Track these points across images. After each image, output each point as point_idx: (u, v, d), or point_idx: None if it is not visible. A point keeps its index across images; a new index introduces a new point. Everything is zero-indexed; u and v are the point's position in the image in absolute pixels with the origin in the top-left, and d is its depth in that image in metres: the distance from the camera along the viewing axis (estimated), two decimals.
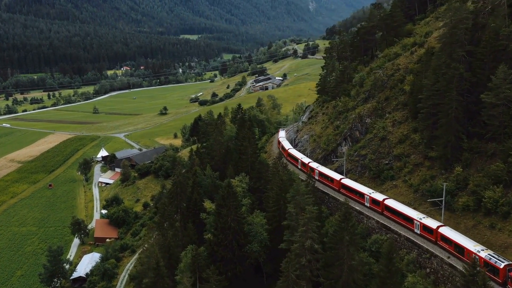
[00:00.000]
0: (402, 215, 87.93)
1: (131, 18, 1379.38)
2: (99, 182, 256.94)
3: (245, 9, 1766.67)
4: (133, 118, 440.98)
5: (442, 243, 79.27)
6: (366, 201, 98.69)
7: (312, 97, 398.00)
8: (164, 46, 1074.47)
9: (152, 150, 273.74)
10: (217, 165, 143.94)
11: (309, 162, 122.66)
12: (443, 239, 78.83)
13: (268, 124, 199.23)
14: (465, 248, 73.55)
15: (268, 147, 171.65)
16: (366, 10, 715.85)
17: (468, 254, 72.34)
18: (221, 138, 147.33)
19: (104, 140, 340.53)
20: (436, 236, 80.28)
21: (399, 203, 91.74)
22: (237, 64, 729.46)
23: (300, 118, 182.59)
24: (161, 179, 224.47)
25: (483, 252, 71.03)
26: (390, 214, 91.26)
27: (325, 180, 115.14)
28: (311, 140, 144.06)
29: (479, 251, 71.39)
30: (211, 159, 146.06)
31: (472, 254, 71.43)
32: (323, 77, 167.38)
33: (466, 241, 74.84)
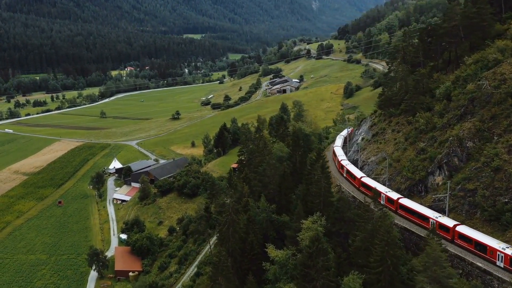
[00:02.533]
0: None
1: (133, 17, 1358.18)
2: (114, 199, 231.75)
3: (249, 8, 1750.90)
4: (144, 123, 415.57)
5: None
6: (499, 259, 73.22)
7: (335, 101, 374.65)
8: (168, 46, 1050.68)
9: (171, 162, 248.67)
10: (270, 194, 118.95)
11: (398, 198, 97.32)
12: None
13: (314, 138, 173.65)
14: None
15: None
16: (380, 9, 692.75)
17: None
18: (276, 162, 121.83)
19: (115, 149, 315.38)
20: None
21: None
22: (247, 65, 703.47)
23: (355, 133, 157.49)
24: (185, 198, 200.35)
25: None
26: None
27: (424, 222, 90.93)
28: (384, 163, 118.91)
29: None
30: (263, 187, 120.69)
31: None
32: (388, 86, 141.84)
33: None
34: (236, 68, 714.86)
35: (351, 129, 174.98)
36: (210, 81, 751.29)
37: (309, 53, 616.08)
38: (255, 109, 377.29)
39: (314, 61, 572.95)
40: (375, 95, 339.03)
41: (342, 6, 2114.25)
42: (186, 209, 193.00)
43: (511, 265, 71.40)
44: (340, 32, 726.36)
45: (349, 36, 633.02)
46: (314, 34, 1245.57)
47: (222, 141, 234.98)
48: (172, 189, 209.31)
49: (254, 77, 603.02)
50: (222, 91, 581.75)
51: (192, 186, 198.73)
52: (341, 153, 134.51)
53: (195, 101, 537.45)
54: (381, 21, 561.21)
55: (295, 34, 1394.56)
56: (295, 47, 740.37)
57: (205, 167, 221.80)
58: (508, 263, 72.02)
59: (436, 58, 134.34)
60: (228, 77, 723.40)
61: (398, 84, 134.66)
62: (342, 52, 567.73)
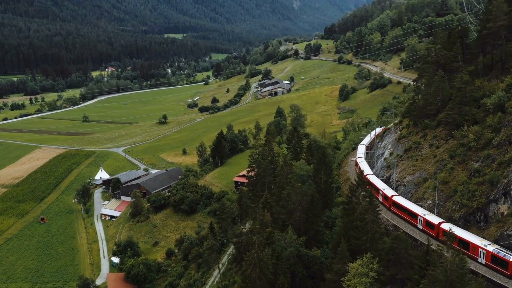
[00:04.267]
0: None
1: (113, 17, 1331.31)
2: (102, 215, 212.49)
3: (230, 7, 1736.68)
4: (129, 128, 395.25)
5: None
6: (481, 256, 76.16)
7: (331, 104, 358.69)
8: (150, 46, 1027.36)
9: (164, 173, 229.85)
10: (296, 222, 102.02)
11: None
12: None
13: (330, 151, 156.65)
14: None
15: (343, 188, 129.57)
16: (368, 8, 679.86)
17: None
18: (302, 185, 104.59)
19: (100, 157, 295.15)
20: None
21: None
22: (232, 65, 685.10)
23: (377, 145, 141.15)
24: (183, 215, 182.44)
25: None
26: None
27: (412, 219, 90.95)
28: (426, 185, 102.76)
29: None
30: (287, 214, 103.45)
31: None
32: (420, 94, 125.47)
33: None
34: (221, 69, 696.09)
35: (382, 128, 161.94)
36: (195, 82, 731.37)
37: (297, 54, 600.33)
38: (246, 113, 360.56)
39: (302, 62, 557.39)
40: (373, 98, 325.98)
41: (322, 5, 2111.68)
42: (185, 228, 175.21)
43: (492, 261, 73.85)
44: (326, 32, 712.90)
45: (337, 36, 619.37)
46: (296, 34, 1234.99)
47: (220, 150, 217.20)
48: (167, 204, 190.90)
49: (241, 78, 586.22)
50: (208, 92, 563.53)
51: (190, 202, 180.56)
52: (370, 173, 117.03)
53: (181, 103, 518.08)
54: (371, 21, 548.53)
55: (277, 34, 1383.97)
56: (281, 47, 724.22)
57: (203, 180, 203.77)
58: (489, 259, 74.60)
59: (476, 62, 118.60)
60: (213, 78, 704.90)
61: (432, 91, 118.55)
62: (331, 52, 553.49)
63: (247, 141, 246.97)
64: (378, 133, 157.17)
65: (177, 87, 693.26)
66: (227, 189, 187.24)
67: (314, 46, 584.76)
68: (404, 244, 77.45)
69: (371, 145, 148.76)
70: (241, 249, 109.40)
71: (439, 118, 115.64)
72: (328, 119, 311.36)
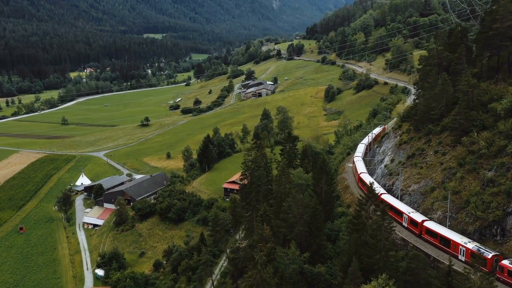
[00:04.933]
0: None
1: (91, 16, 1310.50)
2: (85, 223, 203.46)
3: (209, 7, 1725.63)
4: (111, 131, 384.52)
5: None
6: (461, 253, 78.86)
7: (316, 106, 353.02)
8: (129, 46, 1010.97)
9: (149, 179, 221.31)
10: (297, 236, 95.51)
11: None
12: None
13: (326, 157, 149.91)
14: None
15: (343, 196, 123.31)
16: (349, 8, 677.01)
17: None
18: (303, 196, 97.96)
19: (81, 161, 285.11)
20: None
21: None
22: (214, 66, 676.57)
23: (376, 150, 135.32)
24: (170, 224, 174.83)
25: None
26: None
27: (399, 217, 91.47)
28: (434, 194, 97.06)
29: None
30: (288, 227, 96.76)
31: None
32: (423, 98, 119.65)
33: None
34: (202, 70, 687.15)
35: (382, 127, 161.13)
36: (175, 83, 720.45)
37: (279, 54, 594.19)
38: (231, 115, 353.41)
39: (285, 62, 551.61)
40: (360, 99, 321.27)
41: (302, 5, 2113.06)
42: (172, 238, 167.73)
43: (471, 258, 75.70)
44: (308, 32, 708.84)
45: (319, 36, 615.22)
46: (276, 34, 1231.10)
47: (207, 155, 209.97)
48: (153, 212, 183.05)
49: (223, 79, 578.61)
50: (190, 94, 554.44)
51: (177, 210, 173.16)
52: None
53: (163, 105, 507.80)
54: (354, 21, 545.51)
55: (257, 34, 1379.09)
56: (263, 47, 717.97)
57: (190, 186, 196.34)
58: (468, 256, 76.92)
59: (481, 64, 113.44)
60: (195, 78, 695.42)
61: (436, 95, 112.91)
62: (314, 52, 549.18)
63: (234, 145, 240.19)
64: (378, 132, 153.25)
65: (158, 88, 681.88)
66: (216, 196, 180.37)
67: (297, 47, 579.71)
68: (423, 264, 71.50)
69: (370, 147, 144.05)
70: (238, 265, 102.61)
71: (444, 123, 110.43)
72: (315, 121, 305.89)
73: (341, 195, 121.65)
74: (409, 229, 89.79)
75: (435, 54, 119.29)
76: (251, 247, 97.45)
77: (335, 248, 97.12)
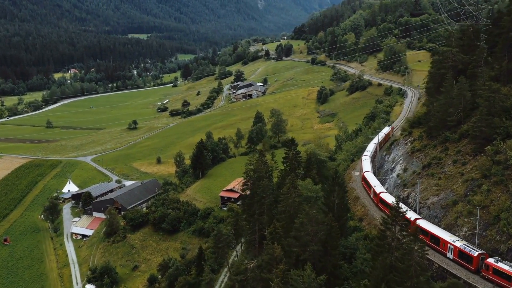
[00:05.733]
0: None
1: (75, 17, 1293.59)
2: (73, 233, 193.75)
3: (194, 7, 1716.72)
4: (97, 135, 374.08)
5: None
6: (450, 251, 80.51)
7: (309, 107, 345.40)
8: (114, 46, 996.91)
9: (140, 186, 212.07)
10: (312, 257, 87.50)
11: None
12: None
13: (330, 164, 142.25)
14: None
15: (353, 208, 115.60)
16: (338, 8, 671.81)
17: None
18: (316, 212, 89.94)
19: (67, 167, 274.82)
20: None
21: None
22: (201, 66, 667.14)
23: (384, 157, 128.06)
24: (164, 235, 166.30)
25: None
26: None
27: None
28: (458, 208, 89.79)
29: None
30: (301, 246, 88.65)
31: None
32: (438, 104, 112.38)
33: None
34: (189, 70, 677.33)
35: (391, 127, 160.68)
36: (162, 84, 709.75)
37: (267, 54, 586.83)
38: (222, 117, 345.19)
39: (274, 63, 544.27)
40: (354, 100, 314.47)
41: (287, 5, 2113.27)
42: (167, 249, 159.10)
43: (459, 257, 78.01)
44: (296, 32, 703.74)
45: (308, 36, 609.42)
46: (261, 34, 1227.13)
47: (201, 161, 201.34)
48: (145, 222, 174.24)
49: (210, 80, 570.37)
50: (178, 95, 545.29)
51: (172, 220, 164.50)
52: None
53: (150, 107, 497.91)
54: (343, 21, 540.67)
55: (243, 34, 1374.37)
56: (250, 47, 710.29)
57: (185, 194, 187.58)
58: (456, 254, 78.66)
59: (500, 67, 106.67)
60: (182, 79, 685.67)
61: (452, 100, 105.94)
62: (303, 53, 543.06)
63: (228, 150, 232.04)
64: (388, 132, 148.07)
65: (144, 89, 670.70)
66: (212, 205, 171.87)
67: (286, 47, 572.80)
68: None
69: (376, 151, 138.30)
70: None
71: (462, 130, 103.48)
72: (308, 123, 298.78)
73: (351, 207, 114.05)
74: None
75: (450, 56, 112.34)
76: (260, 268, 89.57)
77: (351, 268, 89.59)
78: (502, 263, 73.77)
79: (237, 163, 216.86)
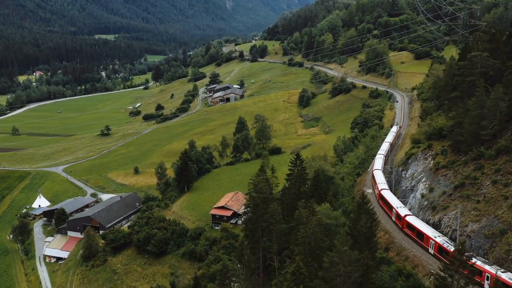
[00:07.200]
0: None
1: (39, 17, 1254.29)
2: (46, 256, 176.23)
3: (162, 7, 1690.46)
4: (68, 142, 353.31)
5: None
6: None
7: (291, 111, 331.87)
8: (80, 48, 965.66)
9: (119, 201, 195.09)
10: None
11: None
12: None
13: (339, 181, 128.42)
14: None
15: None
16: (312, 8, 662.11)
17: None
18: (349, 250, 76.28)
19: (37, 179, 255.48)
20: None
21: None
22: (173, 68, 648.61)
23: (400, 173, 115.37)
24: (150, 258, 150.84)
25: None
26: None
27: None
28: (508, 239, 77.61)
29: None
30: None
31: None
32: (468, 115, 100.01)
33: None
34: (161, 72, 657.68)
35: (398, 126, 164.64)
36: (133, 86, 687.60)
37: (242, 55, 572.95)
38: (200, 122, 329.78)
39: (249, 64, 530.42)
40: (338, 104, 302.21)
41: (255, 5, 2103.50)
42: (154, 275, 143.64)
43: (438, 252, 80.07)
44: (269, 33, 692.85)
45: (283, 37, 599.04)
46: (231, 34, 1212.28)
47: (186, 173, 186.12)
48: (128, 243, 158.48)
49: (183, 82, 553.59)
50: (150, 98, 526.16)
51: (158, 242, 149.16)
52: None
53: (122, 111, 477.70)
54: (317, 21, 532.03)
55: (212, 34, 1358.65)
56: (223, 48, 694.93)
57: (170, 211, 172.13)
58: (436, 250, 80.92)
59: None
60: (153, 81, 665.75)
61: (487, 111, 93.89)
62: (278, 54, 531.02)
63: (212, 160, 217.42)
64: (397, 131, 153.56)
65: (114, 92, 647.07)
66: (202, 224, 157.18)
67: (260, 48, 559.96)
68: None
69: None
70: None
71: (500, 145, 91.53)
72: (292, 128, 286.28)
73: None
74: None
75: (479, 61, 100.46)
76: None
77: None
78: (475, 258, 72.27)
79: (223, 174, 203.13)
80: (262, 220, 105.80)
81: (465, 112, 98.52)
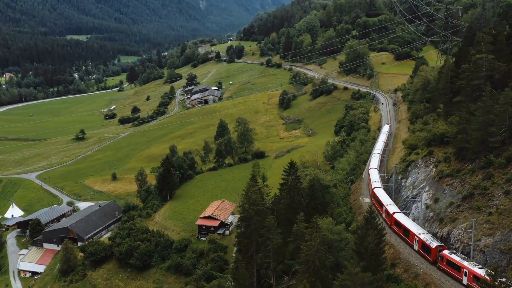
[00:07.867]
0: None
1: (8, 17, 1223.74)
2: (21, 270, 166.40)
3: (135, 7, 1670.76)
4: (41, 146, 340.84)
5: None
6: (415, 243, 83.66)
7: (272, 113, 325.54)
8: (52, 49, 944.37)
9: (97, 211, 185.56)
10: None
11: None
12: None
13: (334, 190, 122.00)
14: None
15: None
16: (288, 8, 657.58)
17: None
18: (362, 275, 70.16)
19: (9, 186, 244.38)
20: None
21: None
22: (149, 69, 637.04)
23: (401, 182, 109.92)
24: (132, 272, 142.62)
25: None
26: None
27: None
28: None
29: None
30: None
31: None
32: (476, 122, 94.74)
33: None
34: (135, 73, 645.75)
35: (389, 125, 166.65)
36: (106, 88, 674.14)
37: (218, 56, 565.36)
38: (178, 126, 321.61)
39: (226, 65, 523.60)
40: (319, 105, 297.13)
41: (229, 6, 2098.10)
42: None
43: (422, 248, 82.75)
44: (245, 33, 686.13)
45: (259, 37, 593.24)
46: (205, 34, 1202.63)
47: (169, 181, 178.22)
48: (109, 256, 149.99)
49: (159, 84, 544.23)
50: (125, 100, 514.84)
51: (141, 254, 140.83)
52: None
53: (96, 113, 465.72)
54: (294, 22, 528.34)
55: (186, 34, 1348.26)
56: (199, 48, 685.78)
57: (153, 222, 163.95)
58: (420, 246, 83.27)
59: None
60: (127, 83, 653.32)
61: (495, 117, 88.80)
62: (255, 55, 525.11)
63: (195, 165, 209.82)
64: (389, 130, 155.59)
65: (88, 94, 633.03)
66: (187, 234, 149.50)
67: (237, 48, 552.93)
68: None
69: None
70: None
71: (510, 153, 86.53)
72: (274, 131, 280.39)
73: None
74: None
75: (484, 64, 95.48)
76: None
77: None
78: (455, 255, 76.21)
79: (207, 181, 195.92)
80: (256, 234, 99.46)
81: (469, 118, 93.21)
